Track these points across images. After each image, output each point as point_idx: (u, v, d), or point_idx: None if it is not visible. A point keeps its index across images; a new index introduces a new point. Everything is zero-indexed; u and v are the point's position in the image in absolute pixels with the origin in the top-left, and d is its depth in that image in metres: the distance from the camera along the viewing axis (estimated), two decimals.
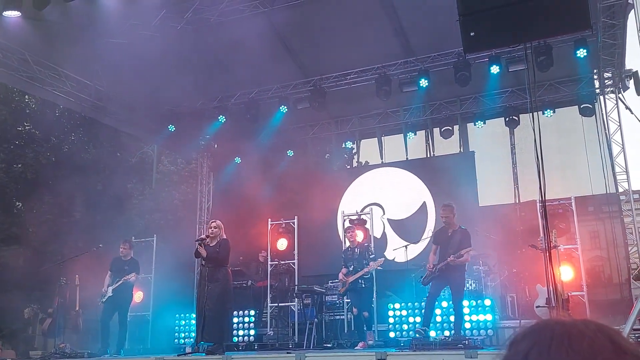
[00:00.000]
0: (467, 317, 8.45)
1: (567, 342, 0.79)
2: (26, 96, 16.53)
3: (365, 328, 8.72)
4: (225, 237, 8.08)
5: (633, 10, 8.19)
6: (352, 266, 8.66)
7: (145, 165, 19.22)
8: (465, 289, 8.60)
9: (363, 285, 8.57)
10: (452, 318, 8.15)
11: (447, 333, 8.32)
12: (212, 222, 8.36)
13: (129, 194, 17.42)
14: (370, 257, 8.67)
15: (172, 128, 12.27)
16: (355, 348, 8.19)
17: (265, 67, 11.01)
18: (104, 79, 11.23)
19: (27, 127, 17.38)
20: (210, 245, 8.00)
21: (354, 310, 8.69)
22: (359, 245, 8.89)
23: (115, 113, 12.01)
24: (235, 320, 9.59)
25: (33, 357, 9.96)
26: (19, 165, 16.52)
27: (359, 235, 9.51)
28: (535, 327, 0.86)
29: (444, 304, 8.59)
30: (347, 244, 9.37)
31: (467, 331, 8.31)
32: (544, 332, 0.83)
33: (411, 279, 9.71)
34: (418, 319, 8.57)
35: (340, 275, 8.86)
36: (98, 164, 16.62)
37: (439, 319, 8.66)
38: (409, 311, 8.98)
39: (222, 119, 12.09)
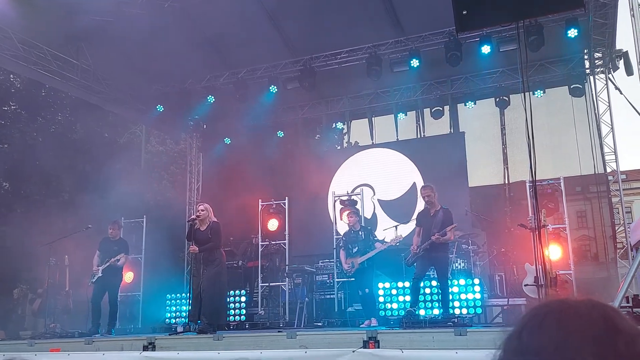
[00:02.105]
0: (456, 296, 8.54)
1: (557, 319, 0.79)
2: (11, 75, 16.25)
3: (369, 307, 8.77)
4: (215, 220, 8.01)
5: None
6: (357, 248, 8.67)
7: (134, 145, 19.06)
8: (451, 267, 8.69)
9: (366, 265, 8.64)
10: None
11: (436, 312, 8.41)
12: (199, 205, 8.30)
13: (118, 174, 17.28)
14: (375, 239, 8.71)
15: (160, 108, 12.15)
16: (361, 326, 8.22)
17: (254, 46, 10.89)
18: (90, 57, 11.06)
19: (12, 107, 17.12)
20: (201, 229, 7.94)
21: (366, 290, 8.74)
22: (361, 228, 8.91)
23: (102, 92, 11.86)
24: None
25: (23, 337, 9.93)
26: (6, 146, 16.32)
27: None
28: (537, 305, 0.85)
29: (434, 282, 8.66)
30: (345, 226, 9.37)
31: (455, 309, 8.40)
32: (540, 310, 0.83)
33: (401, 259, 9.76)
34: (408, 298, 8.65)
35: (345, 260, 8.79)
36: (86, 145, 16.44)
37: (428, 297, 8.74)
38: (399, 290, 9.05)
39: (210, 99, 11.98)
